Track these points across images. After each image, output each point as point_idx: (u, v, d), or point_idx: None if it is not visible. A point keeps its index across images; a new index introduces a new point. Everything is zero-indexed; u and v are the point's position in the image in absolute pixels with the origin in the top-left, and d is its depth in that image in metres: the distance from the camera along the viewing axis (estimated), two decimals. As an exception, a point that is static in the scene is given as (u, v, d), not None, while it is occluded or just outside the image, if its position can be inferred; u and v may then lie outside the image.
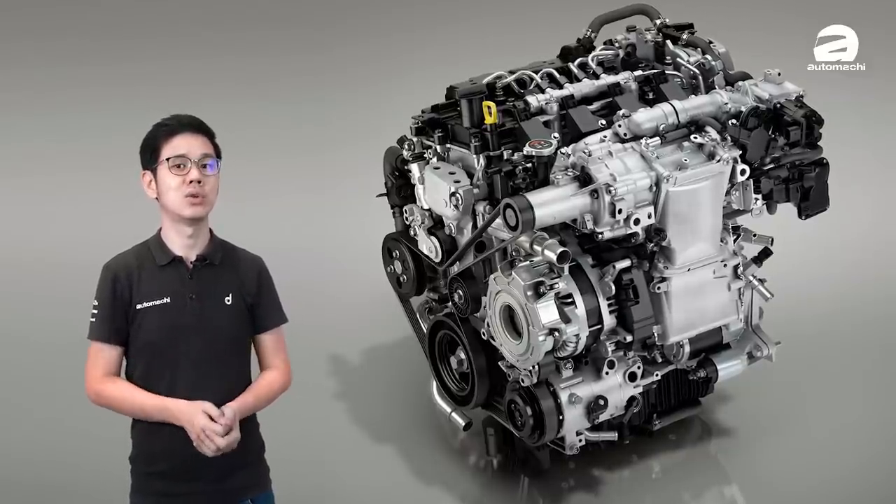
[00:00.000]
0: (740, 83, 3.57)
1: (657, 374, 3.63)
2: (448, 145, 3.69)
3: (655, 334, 3.51)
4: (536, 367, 3.38)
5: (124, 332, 2.86)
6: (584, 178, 3.27)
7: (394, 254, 4.18)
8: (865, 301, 4.71)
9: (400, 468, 3.97)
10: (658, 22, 3.92)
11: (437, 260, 3.84)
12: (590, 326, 3.36)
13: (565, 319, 3.27)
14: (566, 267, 3.27)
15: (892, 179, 5.42)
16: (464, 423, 3.96)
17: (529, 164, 3.31)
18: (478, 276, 3.67)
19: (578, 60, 3.87)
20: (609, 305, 3.39)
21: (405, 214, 3.99)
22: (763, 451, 3.88)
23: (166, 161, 2.83)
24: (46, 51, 6.30)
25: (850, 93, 5.49)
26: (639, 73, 3.75)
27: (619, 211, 3.25)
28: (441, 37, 6.22)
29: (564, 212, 3.24)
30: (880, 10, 5.93)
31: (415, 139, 3.81)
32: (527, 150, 3.30)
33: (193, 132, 2.87)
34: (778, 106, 3.46)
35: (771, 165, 3.48)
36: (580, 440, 3.59)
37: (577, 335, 3.31)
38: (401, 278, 4.19)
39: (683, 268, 3.47)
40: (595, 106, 3.67)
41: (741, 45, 3.93)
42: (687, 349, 3.62)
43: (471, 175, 3.56)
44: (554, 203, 3.21)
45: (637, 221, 3.31)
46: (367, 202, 4.29)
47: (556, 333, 3.25)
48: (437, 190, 3.62)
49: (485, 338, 3.63)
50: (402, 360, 4.52)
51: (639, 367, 3.56)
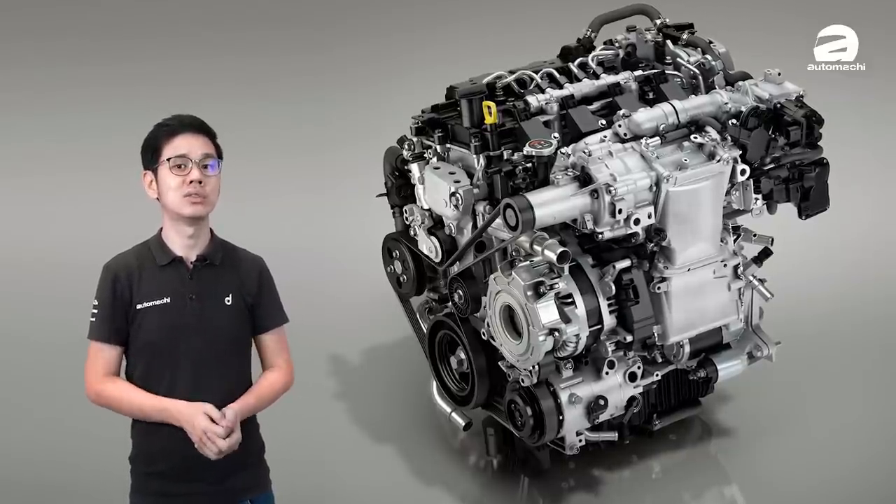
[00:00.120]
0: (740, 83, 3.57)
1: (657, 374, 3.63)
2: (448, 145, 3.69)
3: (655, 334, 3.51)
4: (536, 367, 3.38)
5: (124, 332, 2.85)
6: (584, 178, 3.27)
7: (394, 254, 4.18)
8: (865, 301, 4.71)
9: (400, 468, 3.97)
10: (658, 22, 3.92)
11: (437, 260, 3.84)
12: (590, 326, 3.36)
13: (565, 319, 3.27)
14: (566, 267, 3.27)
15: (892, 179, 5.42)
16: (464, 423, 3.96)
17: (529, 164, 3.31)
18: (478, 276, 3.66)
19: (578, 60, 3.87)
20: (609, 305, 3.39)
21: (405, 214, 3.99)
22: (763, 451, 3.88)
23: (167, 161, 2.83)
24: (46, 51, 6.29)
25: (850, 93, 5.49)
26: (639, 73, 3.75)
27: (620, 211, 3.25)
28: (441, 37, 6.22)
29: (564, 212, 3.24)
30: (880, 10, 5.93)
31: (415, 139, 3.81)
32: (527, 150, 3.30)
33: (195, 132, 2.86)
34: (778, 106, 3.45)
35: (771, 165, 3.48)
36: (580, 440, 3.59)
37: (577, 335, 3.31)
38: (401, 278, 4.18)
39: (683, 268, 3.47)
40: (595, 106, 3.66)
41: (741, 45, 3.92)
42: (687, 349, 3.62)
43: (471, 175, 3.56)
44: (554, 203, 3.21)
45: (637, 221, 3.31)
46: (367, 202, 4.29)
47: (556, 333, 3.25)
48: (437, 190, 3.62)
49: (485, 338, 3.63)
50: (402, 360, 4.51)
51: (639, 367, 3.56)
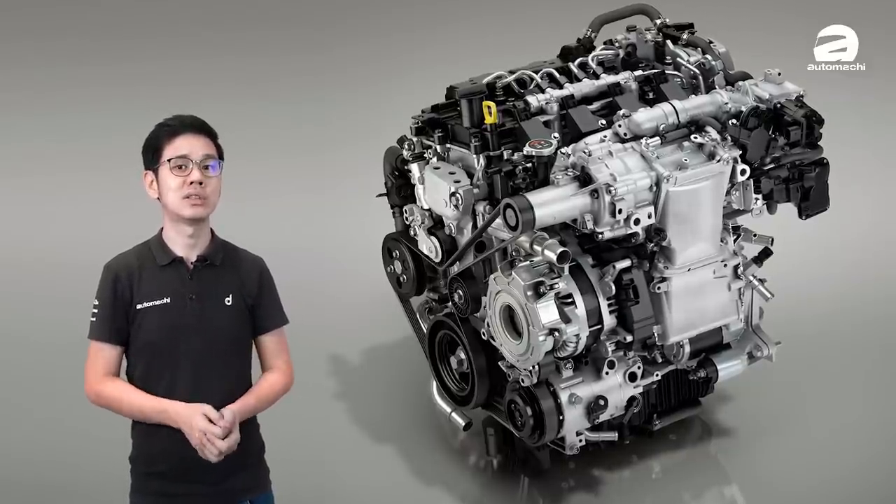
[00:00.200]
0: (740, 83, 3.57)
1: (657, 375, 3.63)
2: (448, 145, 3.68)
3: (655, 334, 3.51)
4: (536, 367, 3.38)
5: (124, 332, 2.85)
6: (584, 178, 3.27)
7: (394, 254, 4.18)
8: (865, 301, 4.71)
9: (400, 468, 3.96)
10: (658, 22, 3.92)
11: (437, 260, 3.84)
12: (590, 326, 3.36)
13: (565, 319, 3.27)
14: (566, 267, 3.27)
15: (892, 179, 5.41)
16: (464, 423, 3.96)
17: (529, 164, 3.31)
18: (478, 276, 3.66)
19: (578, 60, 3.87)
20: (609, 305, 3.39)
21: (405, 214, 3.99)
22: (763, 451, 3.88)
23: (168, 162, 2.83)
24: (46, 51, 6.29)
25: (850, 93, 5.49)
26: (639, 72, 3.75)
27: (620, 211, 3.25)
28: (441, 37, 6.22)
29: (564, 212, 3.24)
30: (880, 10, 5.93)
31: (415, 139, 3.81)
32: (527, 150, 3.30)
33: (196, 133, 2.86)
34: (778, 106, 3.45)
35: (771, 165, 3.48)
36: (580, 440, 3.58)
37: (577, 335, 3.31)
38: (401, 278, 4.18)
39: (683, 268, 3.47)
40: (595, 106, 3.66)
41: (741, 45, 3.92)
42: (687, 349, 3.62)
43: (471, 175, 3.55)
44: (554, 203, 3.21)
45: (637, 221, 3.30)
46: (367, 202, 4.29)
47: (556, 333, 3.25)
48: (437, 190, 3.62)
49: (485, 338, 3.63)
50: (402, 360, 4.51)
51: (639, 368, 3.56)
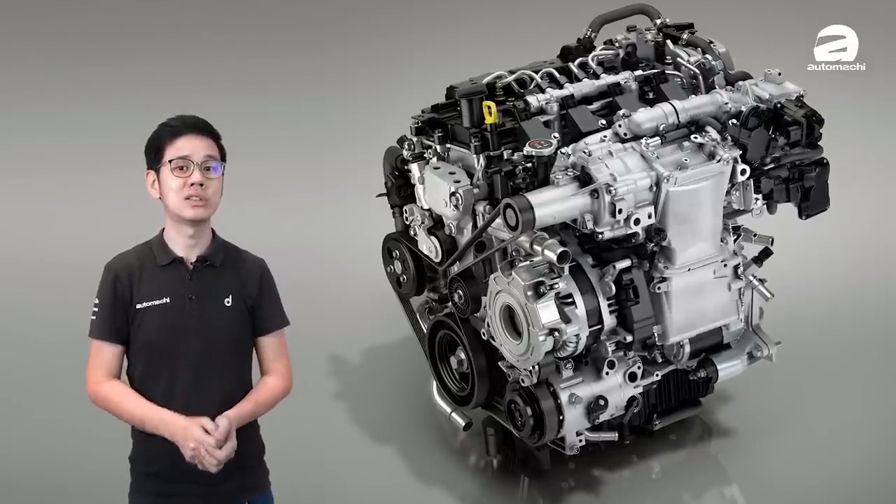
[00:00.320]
0: (740, 83, 3.57)
1: (657, 375, 3.63)
2: (448, 145, 3.68)
3: (655, 334, 3.51)
4: (536, 367, 3.38)
5: (125, 332, 2.85)
6: (584, 178, 3.27)
7: (394, 254, 4.17)
8: (865, 301, 4.71)
9: (400, 468, 3.96)
10: (658, 22, 3.92)
11: (437, 260, 3.84)
12: (590, 326, 3.36)
13: (565, 319, 3.26)
14: (566, 267, 3.27)
15: (892, 179, 5.41)
16: (464, 423, 3.96)
17: (529, 164, 3.31)
18: (478, 276, 3.66)
19: (578, 60, 3.87)
20: (609, 305, 3.39)
21: (405, 214, 3.99)
22: (763, 451, 3.87)
23: (169, 162, 2.83)
24: (46, 51, 6.29)
25: (850, 93, 5.49)
26: (639, 72, 3.75)
27: (620, 211, 3.25)
28: (441, 37, 6.22)
29: (564, 212, 3.23)
30: (880, 10, 5.93)
31: (415, 139, 3.80)
32: (527, 150, 3.30)
33: (198, 134, 2.86)
34: (778, 106, 3.45)
35: (771, 165, 3.48)
36: (580, 440, 3.58)
37: (577, 335, 3.31)
38: (401, 278, 4.18)
39: (684, 268, 3.46)
40: (595, 106, 3.66)
41: (741, 44, 3.92)
42: (687, 349, 3.62)
43: (471, 175, 3.55)
44: (554, 203, 3.21)
45: (637, 221, 3.30)
46: (367, 202, 4.29)
47: (556, 333, 3.25)
48: (437, 190, 3.62)
49: (485, 338, 3.63)
50: (402, 360, 4.51)
51: (639, 368, 3.56)
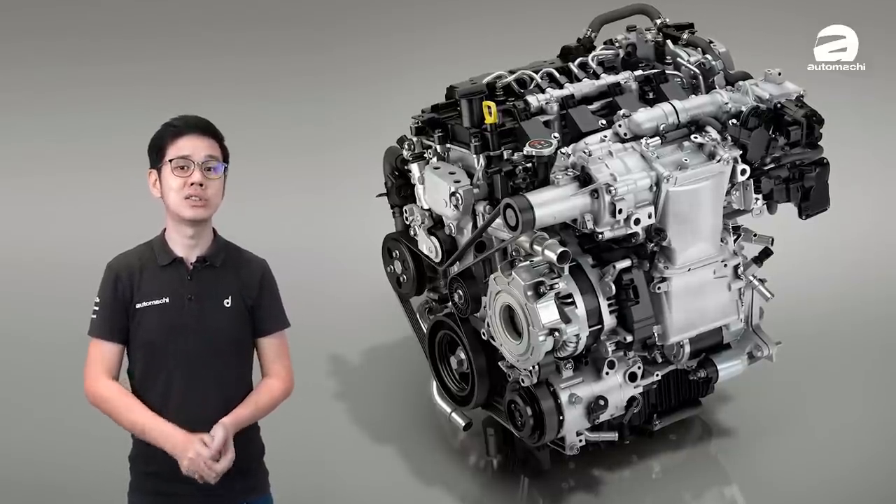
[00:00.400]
0: (741, 83, 3.57)
1: (657, 375, 3.63)
2: (448, 145, 3.68)
3: (656, 334, 3.51)
4: (536, 367, 3.38)
5: (124, 331, 2.86)
6: (584, 178, 3.27)
7: (394, 254, 4.17)
8: (866, 301, 4.71)
9: (400, 468, 3.96)
10: (658, 22, 3.91)
11: (437, 260, 3.84)
12: (590, 326, 3.36)
13: (565, 319, 3.26)
14: (566, 267, 3.27)
15: (892, 179, 5.41)
16: (464, 424, 3.96)
17: (529, 164, 3.31)
18: (478, 276, 3.66)
19: (579, 60, 3.87)
20: (609, 305, 3.39)
21: (405, 214, 3.99)
22: (763, 451, 3.87)
23: (169, 162, 2.83)
24: (46, 51, 6.29)
25: (850, 93, 5.49)
26: (639, 72, 3.75)
27: (620, 211, 3.25)
28: (441, 37, 6.22)
29: (564, 212, 3.23)
30: (880, 10, 5.93)
31: (415, 139, 3.80)
32: (527, 149, 3.30)
33: (200, 134, 2.86)
34: (778, 106, 3.45)
35: (771, 165, 3.48)
36: (580, 440, 3.58)
37: (577, 335, 3.31)
38: (401, 278, 4.18)
39: (684, 268, 3.46)
40: (595, 106, 3.66)
41: (741, 44, 3.92)
42: (687, 349, 3.62)
43: (471, 175, 3.55)
44: (554, 203, 3.21)
45: (637, 221, 3.30)
46: (367, 202, 4.28)
47: (556, 333, 3.25)
48: (437, 190, 3.61)
49: (485, 338, 3.63)
50: (402, 360, 4.51)
51: (639, 368, 3.56)
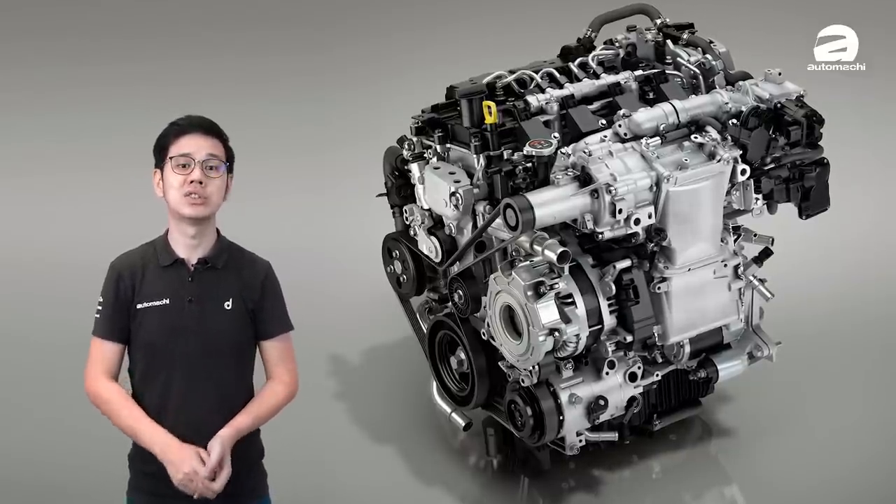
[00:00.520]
0: (741, 83, 3.57)
1: (657, 375, 3.63)
2: (448, 145, 3.68)
3: (656, 334, 3.51)
4: (536, 367, 3.38)
5: (125, 331, 2.87)
6: (584, 178, 3.27)
7: (394, 254, 4.17)
8: (866, 301, 4.71)
9: (400, 468, 3.96)
10: (658, 22, 3.91)
11: (437, 260, 3.84)
12: (590, 326, 3.36)
13: (565, 319, 3.26)
14: (566, 267, 3.27)
15: (892, 179, 5.41)
16: (464, 424, 3.96)
17: (529, 164, 3.31)
18: (478, 276, 3.66)
19: (579, 60, 3.87)
20: (609, 305, 3.39)
21: (405, 214, 3.98)
22: (763, 452, 3.87)
23: (170, 160, 2.84)
24: (46, 51, 6.29)
25: (850, 93, 5.48)
26: (639, 72, 3.75)
27: (620, 211, 3.25)
28: (441, 37, 6.22)
29: (564, 212, 3.23)
30: (880, 10, 5.93)
31: (415, 139, 3.80)
32: (527, 149, 3.30)
33: (203, 133, 2.86)
34: (778, 106, 3.45)
35: (771, 165, 3.48)
36: (580, 440, 3.58)
37: (577, 335, 3.31)
38: (401, 278, 4.18)
39: (684, 268, 3.46)
40: (595, 106, 3.66)
41: (741, 44, 3.92)
42: (687, 349, 3.61)
43: (471, 175, 3.55)
44: (554, 203, 3.21)
45: (637, 221, 3.30)
46: (367, 202, 4.28)
47: (557, 333, 3.25)
48: (437, 190, 3.61)
49: (485, 338, 3.63)
50: (402, 360, 4.51)
51: (639, 368, 3.56)
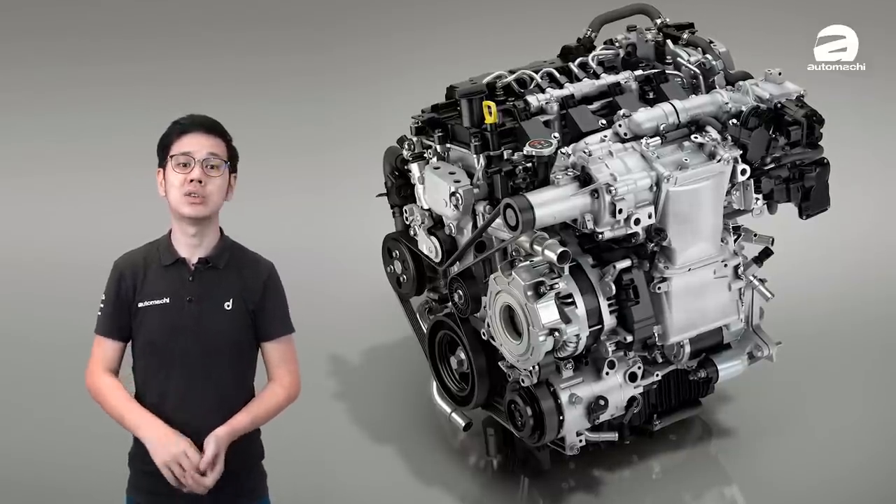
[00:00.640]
0: (741, 83, 3.57)
1: (657, 375, 3.63)
2: (448, 145, 3.68)
3: (656, 334, 3.50)
4: (536, 367, 3.38)
5: (126, 330, 2.88)
6: (584, 178, 3.27)
7: (394, 254, 4.17)
8: (866, 301, 4.70)
9: (400, 468, 3.96)
10: (658, 21, 3.91)
11: (437, 260, 3.84)
12: (590, 326, 3.36)
13: (565, 319, 3.26)
14: (566, 267, 3.27)
15: (892, 179, 5.41)
16: (464, 424, 3.95)
17: (529, 164, 3.31)
18: (478, 276, 3.66)
19: (579, 60, 3.87)
20: (609, 305, 3.39)
21: (405, 214, 3.98)
22: (763, 452, 3.87)
23: (171, 159, 2.84)
24: (46, 51, 6.29)
25: (850, 93, 5.48)
26: (639, 72, 3.75)
27: (620, 211, 3.25)
28: (441, 37, 6.22)
29: (565, 212, 3.23)
30: (880, 10, 5.93)
31: (415, 139, 3.80)
32: (527, 149, 3.30)
33: (205, 132, 2.86)
34: (778, 106, 3.45)
35: (771, 165, 3.48)
36: (580, 440, 3.58)
37: (577, 335, 3.31)
38: (401, 278, 4.18)
39: (684, 268, 3.46)
40: (595, 106, 3.66)
41: (742, 44, 3.92)
42: (687, 349, 3.61)
43: (471, 175, 3.55)
44: (554, 203, 3.21)
45: (637, 221, 3.30)
46: (367, 202, 4.28)
47: (557, 333, 3.25)
48: (437, 190, 3.61)
49: (485, 338, 3.63)
50: (402, 360, 4.51)
51: (639, 368, 3.56)
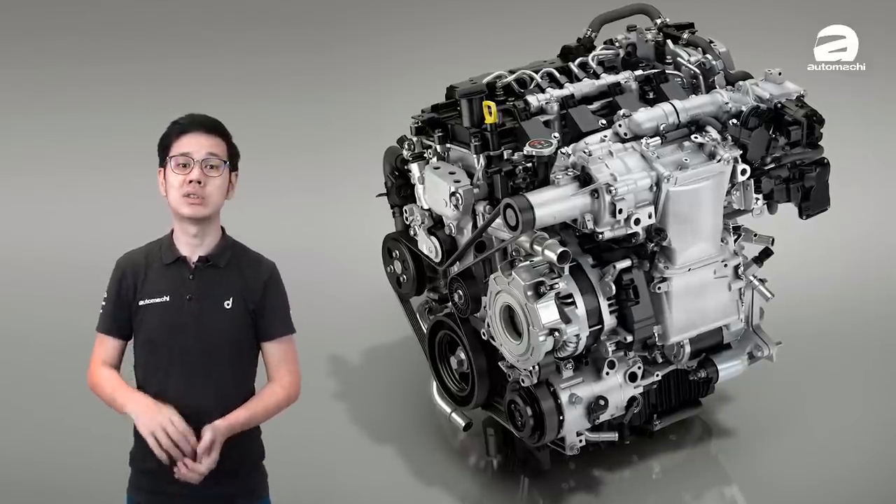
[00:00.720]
0: (741, 83, 3.57)
1: (657, 375, 3.63)
2: (448, 145, 3.68)
3: (656, 334, 3.50)
4: (537, 367, 3.38)
5: (126, 328, 2.88)
6: (584, 178, 3.27)
7: (394, 254, 4.17)
8: (866, 301, 4.70)
9: (400, 468, 3.96)
10: (658, 21, 3.91)
11: (437, 260, 3.84)
12: (590, 326, 3.36)
13: (565, 319, 3.26)
14: (566, 267, 3.27)
15: (892, 179, 5.41)
16: (464, 424, 3.95)
17: (529, 164, 3.31)
18: (478, 276, 3.66)
19: (579, 60, 3.87)
20: (609, 305, 3.39)
21: (405, 214, 3.98)
22: (763, 452, 3.87)
23: (171, 159, 2.84)
24: (46, 51, 6.29)
25: (850, 93, 5.48)
26: (639, 72, 3.75)
27: (620, 211, 3.25)
28: (441, 37, 6.22)
29: (565, 212, 3.23)
30: (880, 10, 5.93)
31: (415, 139, 3.80)
32: (527, 149, 3.30)
33: (204, 132, 2.86)
34: (779, 105, 3.45)
35: (772, 165, 3.48)
36: (580, 440, 3.58)
37: (577, 335, 3.31)
38: (401, 278, 4.18)
39: (684, 268, 3.46)
40: (595, 105, 3.66)
41: (742, 44, 3.92)
42: (687, 349, 3.61)
43: (471, 175, 3.55)
44: (554, 203, 3.21)
45: (637, 221, 3.30)
46: (367, 202, 4.28)
47: (557, 333, 3.25)
48: (437, 190, 3.61)
49: (485, 338, 3.63)
50: (402, 360, 4.51)
51: (639, 368, 3.56)
